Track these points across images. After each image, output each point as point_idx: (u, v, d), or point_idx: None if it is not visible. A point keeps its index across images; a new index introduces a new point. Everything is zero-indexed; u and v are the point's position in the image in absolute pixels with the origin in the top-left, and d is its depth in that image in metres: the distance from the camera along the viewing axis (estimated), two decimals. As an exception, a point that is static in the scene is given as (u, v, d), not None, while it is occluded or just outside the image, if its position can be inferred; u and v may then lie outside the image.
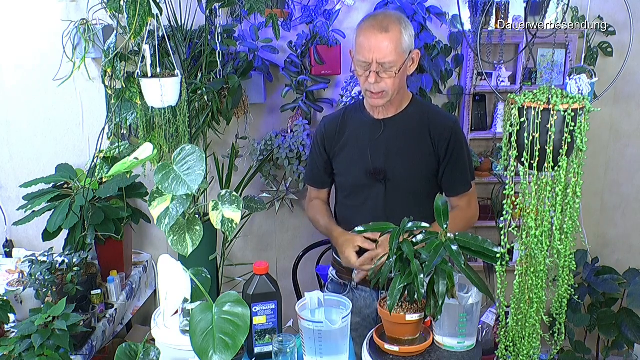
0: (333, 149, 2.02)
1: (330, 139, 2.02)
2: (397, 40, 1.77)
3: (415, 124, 1.92)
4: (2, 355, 1.64)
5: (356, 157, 1.96)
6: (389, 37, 1.76)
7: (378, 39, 1.76)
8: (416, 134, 1.91)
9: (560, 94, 1.31)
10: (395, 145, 1.92)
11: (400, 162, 1.91)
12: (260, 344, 1.63)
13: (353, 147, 1.97)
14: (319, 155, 2.07)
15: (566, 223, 1.32)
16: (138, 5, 1.79)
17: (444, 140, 1.90)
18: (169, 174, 1.55)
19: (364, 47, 1.79)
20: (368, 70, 1.79)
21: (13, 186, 2.80)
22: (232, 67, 2.50)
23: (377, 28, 1.77)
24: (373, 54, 1.77)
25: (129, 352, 1.41)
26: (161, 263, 1.41)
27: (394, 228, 1.51)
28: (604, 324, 2.81)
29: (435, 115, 1.97)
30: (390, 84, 1.81)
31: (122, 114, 2.20)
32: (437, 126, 1.91)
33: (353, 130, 1.98)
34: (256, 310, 1.59)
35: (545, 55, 2.71)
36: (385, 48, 1.76)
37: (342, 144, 2.00)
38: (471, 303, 1.52)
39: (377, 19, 1.81)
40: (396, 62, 1.78)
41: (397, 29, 1.77)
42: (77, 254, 2.12)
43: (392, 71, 1.79)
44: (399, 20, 1.81)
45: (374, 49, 1.77)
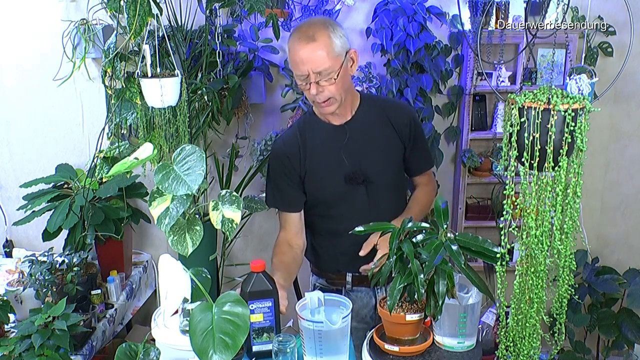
0: (302, 167, 1.93)
1: (296, 157, 1.93)
2: (328, 46, 1.73)
3: (376, 119, 1.93)
4: (2, 355, 1.64)
5: (331, 167, 1.92)
6: (317, 46, 1.72)
7: (307, 49, 1.73)
8: (380, 129, 1.93)
9: (560, 94, 1.31)
10: (366, 145, 1.92)
11: (375, 160, 1.92)
12: (259, 342, 1.62)
13: (324, 158, 1.92)
14: (286, 175, 1.94)
15: (566, 223, 1.32)
16: (138, 5, 1.79)
17: (406, 126, 1.95)
18: (169, 174, 1.55)
19: (296, 61, 1.76)
20: (307, 82, 1.76)
21: (13, 186, 2.80)
22: (232, 67, 2.50)
23: (303, 39, 1.74)
24: (306, 66, 1.74)
25: (129, 352, 1.41)
26: (161, 263, 1.41)
27: (394, 228, 1.51)
28: (604, 324, 2.81)
29: (391, 105, 2.01)
30: (334, 89, 1.78)
31: (122, 114, 2.20)
32: (396, 116, 1.95)
33: (318, 142, 1.93)
34: (253, 307, 1.57)
35: (545, 55, 2.71)
36: (317, 57, 1.72)
37: (309, 159, 1.93)
38: (471, 303, 1.52)
39: (302, 29, 1.78)
40: (332, 67, 1.74)
41: (324, 35, 1.74)
42: (77, 254, 2.12)
43: (330, 77, 1.75)
44: (325, 25, 1.77)
45: (305, 60, 1.73)
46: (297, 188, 1.96)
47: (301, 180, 1.95)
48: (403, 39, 2.50)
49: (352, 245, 1.84)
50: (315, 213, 2.01)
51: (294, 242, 1.97)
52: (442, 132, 2.82)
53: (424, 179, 2.10)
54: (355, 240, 1.81)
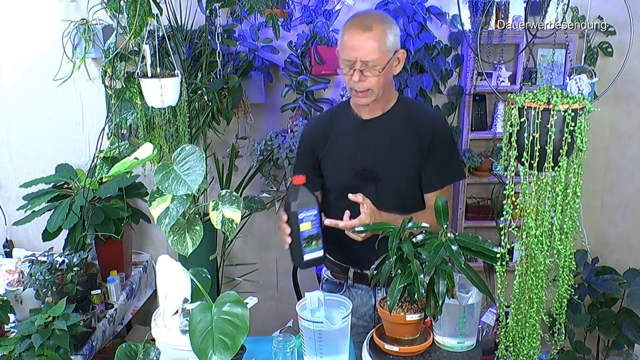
0: (321, 151, 1.99)
1: (318, 141, 2.00)
2: (381, 39, 1.77)
3: (402, 122, 1.92)
4: (2, 355, 1.64)
5: (345, 159, 1.95)
6: (372, 36, 1.76)
7: (361, 37, 1.77)
8: (403, 133, 1.91)
9: (560, 94, 1.31)
10: (384, 145, 1.92)
11: (389, 161, 1.91)
12: (309, 250, 1.71)
13: (341, 148, 1.96)
14: (307, 158, 2.03)
15: (566, 223, 1.32)
16: (138, 5, 1.79)
17: (428, 137, 1.90)
18: (169, 174, 1.55)
19: (348, 46, 1.80)
20: (352, 68, 1.80)
21: (13, 186, 2.81)
22: (232, 67, 2.50)
23: (360, 27, 1.78)
24: (356, 53, 1.78)
25: (129, 352, 1.41)
26: (160, 264, 1.41)
27: (394, 228, 1.51)
28: (604, 324, 2.81)
29: (421, 113, 1.98)
30: (375, 82, 1.81)
31: (122, 114, 2.20)
32: (422, 124, 1.92)
33: (340, 131, 1.97)
34: (302, 217, 1.68)
35: (545, 55, 2.71)
36: (368, 47, 1.77)
37: (330, 145, 1.97)
38: (471, 303, 1.52)
39: (361, 18, 1.83)
40: (379, 61, 1.78)
41: (380, 28, 1.78)
42: (77, 254, 2.12)
43: (375, 70, 1.79)
44: (383, 20, 1.81)
45: (357, 47, 1.77)
46: (312, 167, 2.01)
47: (318, 163, 2.01)
48: (403, 39, 2.51)
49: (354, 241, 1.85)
50: (327, 201, 2.04)
51: None
52: (442, 132, 2.82)
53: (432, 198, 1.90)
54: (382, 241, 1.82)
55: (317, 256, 1.73)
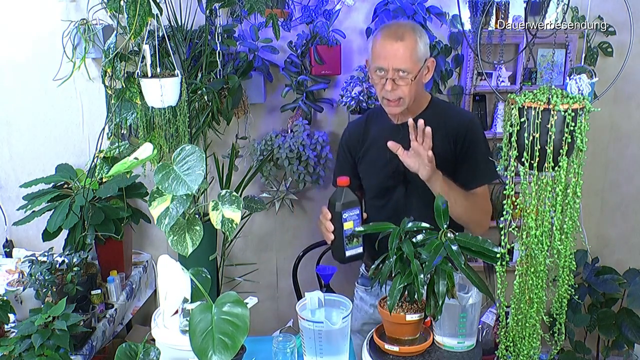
0: (357, 154, 2.09)
1: (355, 144, 2.10)
2: (413, 48, 1.83)
3: (434, 125, 1.92)
4: (2, 355, 1.64)
5: (378, 161, 2.02)
6: (404, 45, 1.82)
7: (394, 46, 1.83)
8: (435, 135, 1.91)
9: (560, 94, 1.31)
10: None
11: None
12: (350, 247, 1.84)
13: (375, 151, 2.03)
14: (345, 159, 2.13)
15: (566, 223, 1.32)
16: (138, 5, 1.79)
17: (459, 138, 1.94)
18: (169, 174, 1.55)
19: (381, 55, 1.85)
20: (384, 77, 1.85)
21: (13, 186, 2.80)
22: (232, 67, 2.50)
23: (392, 37, 1.84)
24: (389, 61, 1.83)
25: (129, 352, 1.41)
26: (160, 264, 1.41)
27: (394, 228, 1.51)
28: (604, 324, 2.81)
29: (451, 115, 2.01)
30: (407, 91, 1.86)
31: (122, 114, 2.20)
32: (452, 126, 1.96)
33: (375, 134, 2.05)
34: (345, 216, 1.81)
35: (545, 55, 2.71)
36: (401, 55, 1.82)
37: (366, 148, 2.06)
38: (471, 303, 1.52)
39: (392, 28, 1.89)
40: (412, 70, 1.84)
41: (412, 38, 1.84)
42: (77, 254, 2.12)
43: (408, 78, 1.84)
44: (414, 30, 1.88)
45: (390, 56, 1.83)
46: (350, 172, 2.08)
47: (355, 164, 2.11)
48: (403, 39, 2.50)
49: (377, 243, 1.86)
50: (365, 199, 2.11)
51: None
52: (442, 132, 2.82)
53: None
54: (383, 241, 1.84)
55: (357, 252, 1.86)
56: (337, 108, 2.75)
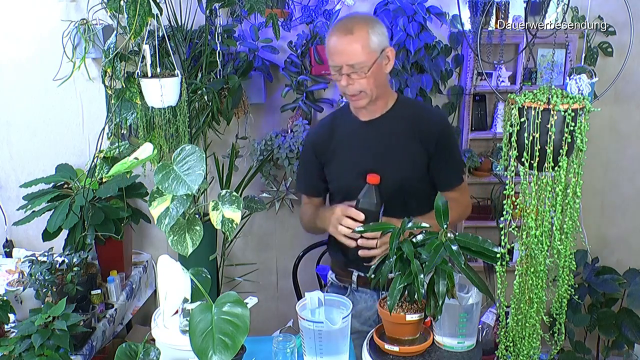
0: (325, 155, 2.02)
1: (321, 145, 2.03)
2: (364, 40, 1.78)
3: (403, 123, 1.93)
4: (2, 355, 1.64)
5: (348, 161, 1.97)
6: (354, 39, 1.78)
7: (343, 41, 1.79)
8: (404, 134, 1.92)
9: (560, 94, 1.31)
10: (384, 147, 1.92)
11: (390, 162, 1.92)
12: None
13: (344, 151, 1.98)
14: (311, 162, 2.07)
15: (566, 223, 1.32)
16: (138, 5, 1.79)
17: (433, 135, 1.92)
18: (169, 174, 1.55)
19: (332, 52, 1.83)
20: (340, 74, 1.82)
21: (13, 186, 2.81)
22: (232, 67, 2.50)
23: (342, 31, 1.80)
24: (341, 57, 1.80)
25: (129, 352, 1.41)
26: (160, 264, 1.41)
27: (394, 228, 1.51)
28: (604, 324, 2.81)
29: (421, 112, 2.00)
30: (365, 83, 1.82)
31: (122, 114, 2.20)
32: (425, 124, 1.93)
33: (342, 134, 2.00)
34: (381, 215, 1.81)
35: (545, 55, 2.71)
36: (351, 50, 1.78)
37: (333, 149, 2.00)
38: (471, 303, 1.52)
39: (343, 22, 1.85)
40: (365, 62, 1.79)
41: (362, 29, 1.79)
42: (77, 254, 2.12)
43: (362, 71, 1.80)
44: (365, 21, 1.83)
45: (340, 51, 1.80)
46: (317, 174, 2.05)
47: (322, 167, 2.04)
48: (403, 39, 2.51)
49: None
50: (334, 202, 2.06)
51: None
52: (442, 132, 2.82)
53: (453, 194, 1.98)
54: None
55: None
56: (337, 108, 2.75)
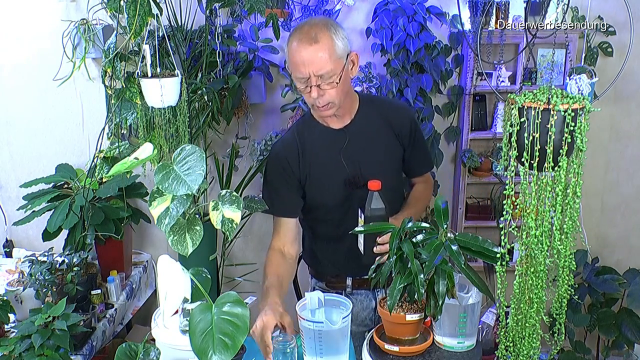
0: (301, 170, 1.90)
1: (295, 160, 1.89)
2: (330, 48, 1.69)
3: (376, 122, 1.91)
4: (2, 355, 1.64)
5: (331, 171, 1.89)
6: (320, 47, 1.68)
7: (309, 51, 1.68)
8: (379, 133, 1.91)
9: (560, 94, 1.31)
10: (365, 150, 1.90)
11: (374, 164, 1.90)
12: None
13: (324, 162, 1.89)
14: (286, 180, 1.91)
15: (566, 223, 1.32)
16: (138, 5, 1.79)
17: (405, 128, 1.94)
18: (169, 174, 1.55)
19: (297, 63, 1.70)
20: (308, 85, 1.71)
21: (13, 186, 2.81)
22: (232, 67, 2.50)
23: (305, 40, 1.69)
24: (308, 68, 1.68)
25: (129, 352, 1.41)
26: (160, 264, 1.41)
27: (393, 228, 1.51)
28: (604, 324, 2.81)
29: (390, 107, 2.00)
30: (334, 93, 1.73)
31: (122, 114, 2.20)
32: (395, 117, 1.94)
33: (316, 146, 1.89)
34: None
35: (545, 55, 2.71)
36: (319, 59, 1.68)
37: (309, 163, 1.89)
38: (471, 303, 1.52)
39: (304, 30, 1.72)
40: (334, 70, 1.70)
41: (326, 36, 1.69)
42: (77, 254, 2.12)
43: (332, 81, 1.71)
44: (327, 27, 1.72)
45: (307, 62, 1.68)
46: (295, 192, 1.92)
47: (301, 185, 1.91)
48: (403, 39, 2.50)
49: (351, 249, 1.84)
50: (314, 217, 1.99)
51: (288, 251, 1.92)
52: (442, 132, 2.82)
53: (421, 179, 2.11)
54: (354, 244, 1.82)
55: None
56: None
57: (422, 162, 2.06)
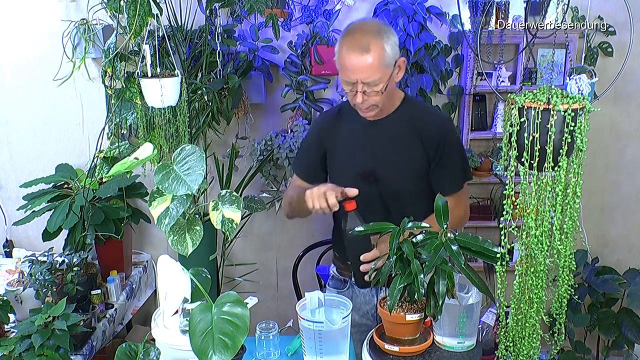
0: (329, 144, 1.98)
1: (327, 132, 1.99)
2: (380, 57, 1.71)
3: (405, 124, 1.90)
4: (2, 355, 1.64)
5: (347, 159, 1.95)
6: (370, 57, 1.70)
7: (360, 60, 1.70)
8: (405, 135, 1.90)
9: (560, 94, 1.31)
10: (384, 147, 1.90)
11: (388, 163, 1.90)
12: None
13: (345, 148, 1.95)
14: (315, 146, 2.01)
15: (566, 223, 1.32)
16: (138, 5, 1.79)
17: (434, 140, 1.87)
18: (169, 174, 1.55)
19: (347, 68, 1.73)
20: (354, 89, 1.76)
21: (13, 186, 2.81)
22: (232, 67, 2.50)
23: (357, 49, 1.71)
24: (356, 75, 1.72)
25: (129, 352, 1.41)
26: (160, 264, 1.41)
27: (394, 228, 1.51)
28: (604, 324, 2.81)
29: (425, 115, 1.95)
30: (378, 99, 1.78)
31: (122, 114, 2.20)
32: (426, 126, 1.89)
33: (347, 130, 1.95)
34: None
35: (545, 55, 2.71)
36: (368, 68, 1.71)
37: (337, 141, 1.97)
38: (471, 303, 1.52)
39: (356, 37, 1.73)
40: (382, 79, 1.74)
41: (378, 45, 1.71)
42: (77, 254, 2.12)
43: (378, 88, 1.75)
44: (380, 34, 1.73)
45: (357, 70, 1.71)
46: (318, 160, 2.01)
47: (324, 156, 2.01)
48: (403, 39, 2.51)
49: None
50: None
51: None
52: (442, 132, 2.82)
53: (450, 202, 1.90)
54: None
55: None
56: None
57: (442, 182, 1.90)
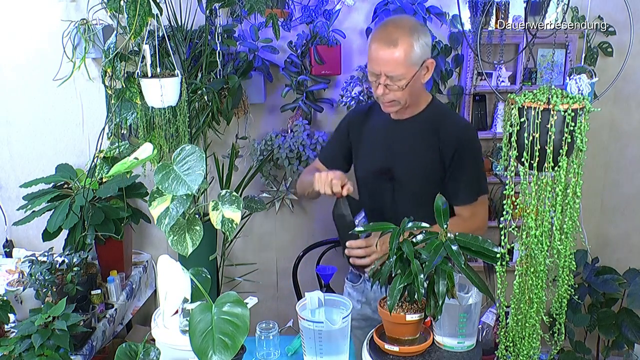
0: (355, 138, 2.06)
1: (355, 126, 2.06)
2: (407, 54, 1.75)
3: (427, 128, 1.91)
4: (2, 355, 1.64)
5: (368, 154, 2.01)
6: (397, 51, 1.74)
7: (386, 52, 1.75)
8: (425, 138, 1.90)
9: (560, 94, 1.31)
10: (403, 147, 1.93)
11: (406, 163, 1.92)
12: None
13: (367, 143, 2.01)
14: (343, 137, 2.09)
15: (566, 223, 1.32)
16: (138, 5, 1.79)
17: (451, 147, 1.85)
18: (169, 174, 1.55)
19: (373, 59, 1.79)
20: (377, 81, 1.80)
21: (13, 186, 2.81)
22: (232, 67, 2.50)
23: (385, 41, 1.75)
24: (381, 67, 1.77)
25: (129, 352, 1.42)
26: (160, 264, 1.41)
27: (394, 228, 1.51)
28: (604, 324, 2.81)
29: (446, 121, 1.92)
30: (400, 95, 1.81)
31: (122, 114, 2.20)
32: (445, 132, 1.88)
33: (371, 127, 2.02)
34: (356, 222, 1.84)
35: (545, 55, 2.71)
36: (393, 62, 1.75)
37: (363, 136, 2.03)
38: (471, 303, 1.52)
39: (388, 30, 1.78)
40: (405, 75, 1.77)
41: (407, 42, 1.74)
42: (77, 254, 2.12)
43: (401, 83, 1.78)
44: (411, 31, 1.76)
45: (381, 62, 1.76)
46: (342, 152, 2.09)
47: (349, 149, 2.08)
48: (403, 39, 2.50)
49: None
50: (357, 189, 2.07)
51: None
52: (442, 132, 2.82)
53: (464, 212, 1.90)
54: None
55: None
56: (337, 108, 2.75)
57: (454, 190, 1.86)
